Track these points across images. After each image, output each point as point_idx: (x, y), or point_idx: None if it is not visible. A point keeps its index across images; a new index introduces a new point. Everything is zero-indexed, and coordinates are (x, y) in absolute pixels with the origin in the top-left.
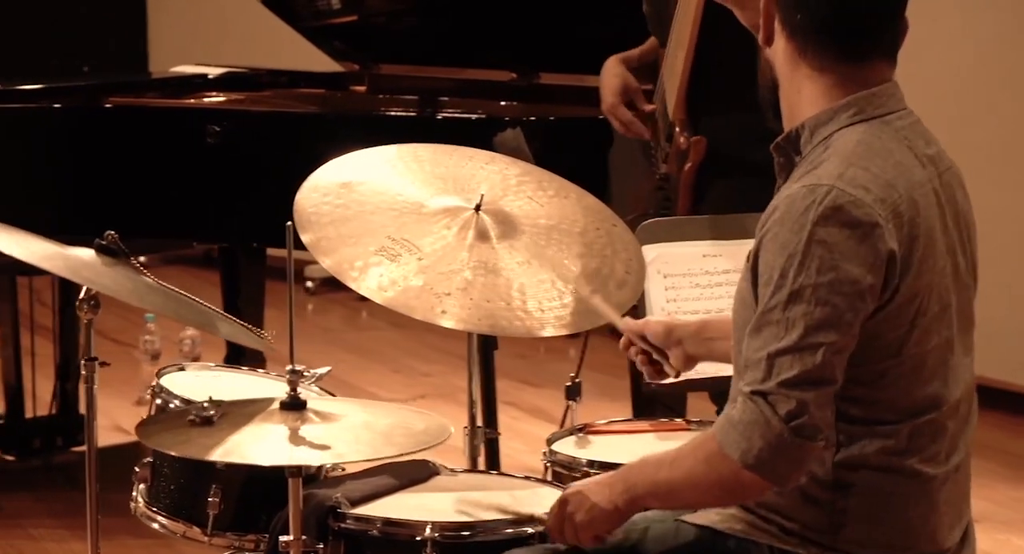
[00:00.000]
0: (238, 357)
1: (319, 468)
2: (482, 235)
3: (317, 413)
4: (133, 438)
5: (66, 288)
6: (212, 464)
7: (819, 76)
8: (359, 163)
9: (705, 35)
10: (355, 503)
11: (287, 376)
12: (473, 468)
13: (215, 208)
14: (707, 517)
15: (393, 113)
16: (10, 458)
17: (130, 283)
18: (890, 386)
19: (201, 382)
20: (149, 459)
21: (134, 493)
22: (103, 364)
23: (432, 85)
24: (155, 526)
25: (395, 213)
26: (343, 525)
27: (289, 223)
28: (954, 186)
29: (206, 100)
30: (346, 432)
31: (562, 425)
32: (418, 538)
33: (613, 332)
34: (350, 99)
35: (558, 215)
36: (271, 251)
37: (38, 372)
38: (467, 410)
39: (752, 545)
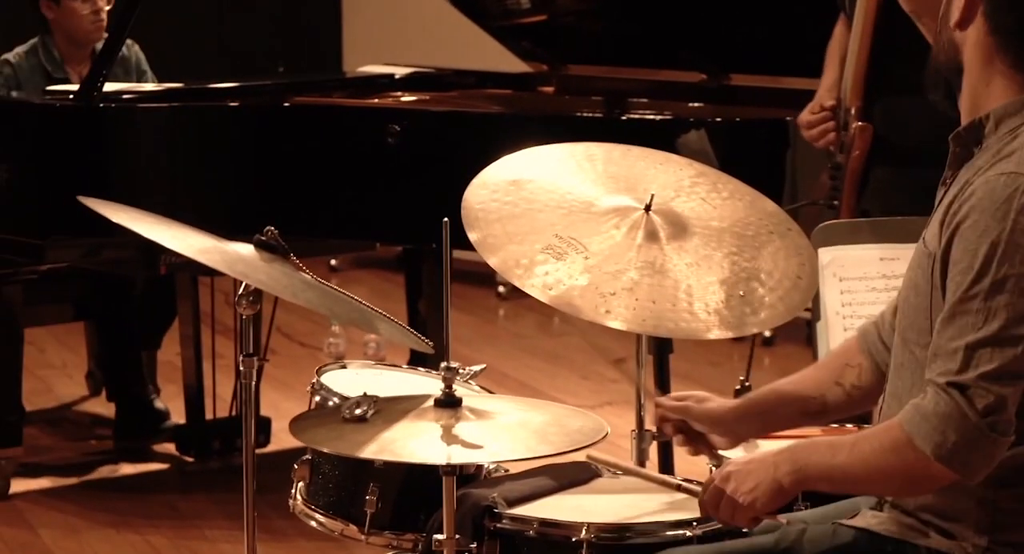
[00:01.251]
0: (421, 360)
1: (478, 468)
2: (651, 236)
3: (472, 411)
4: None
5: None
6: (370, 462)
7: (1013, 73)
8: (530, 161)
9: (883, 20)
10: (512, 503)
11: (442, 373)
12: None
13: (394, 208)
14: (864, 520)
15: (576, 114)
16: (189, 459)
17: (286, 278)
18: None
19: (362, 380)
20: (308, 457)
21: (293, 491)
22: (263, 360)
23: (620, 86)
24: (313, 524)
25: (563, 211)
26: (499, 525)
27: (445, 219)
28: None
29: (388, 100)
30: (500, 430)
31: None
32: (574, 539)
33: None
34: (536, 100)
35: (731, 217)
36: (457, 254)
37: (219, 373)
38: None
39: (910, 547)
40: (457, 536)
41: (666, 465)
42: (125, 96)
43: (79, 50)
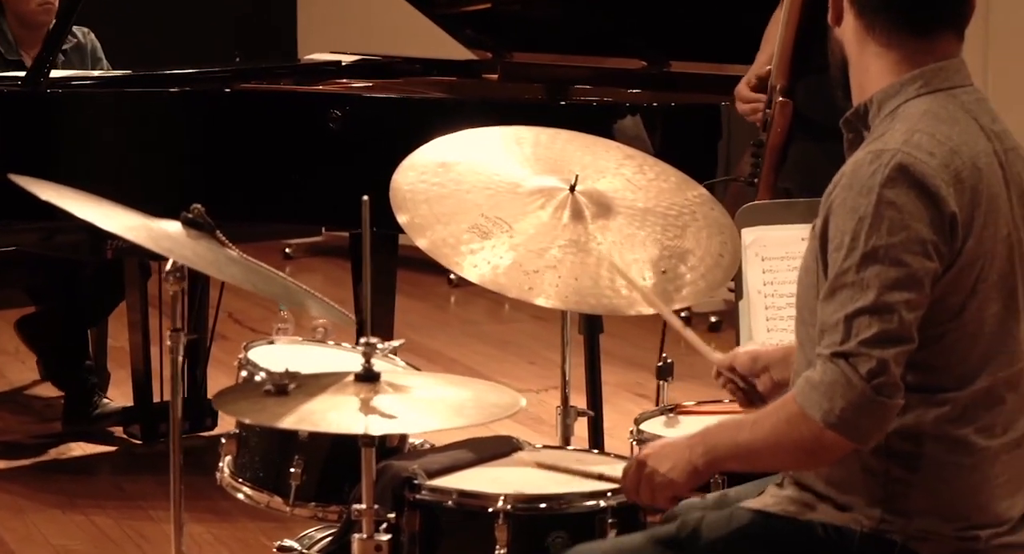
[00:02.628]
0: None
1: (402, 441)
2: (576, 215)
3: (391, 385)
4: None
5: (195, 272)
6: (295, 435)
7: (887, 52)
8: (461, 144)
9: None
10: (432, 475)
11: (361, 349)
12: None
13: (337, 192)
14: (763, 501)
15: (514, 99)
16: (137, 442)
17: (211, 255)
18: (947, 351)
19: (289, 356)
20: (236, 431)
21: (220, 464)
22: (190, 336)
23: (564, 73)
24: (240, 496)
25: (490, 192)
26: (418, 496)
27: (365, 197)
28: (1020, 166)
29: (331, 86)
30: (418, 404)
31: (657, 405)
32: (491, 510)
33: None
34: (479, 86)
35: (655, 198)
36: (405, 240)
37: (167, 357)
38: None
39: (804, 525)
40: (376, 507)
41: (596, 440)
42: (72, 82)
43: (32, 33)
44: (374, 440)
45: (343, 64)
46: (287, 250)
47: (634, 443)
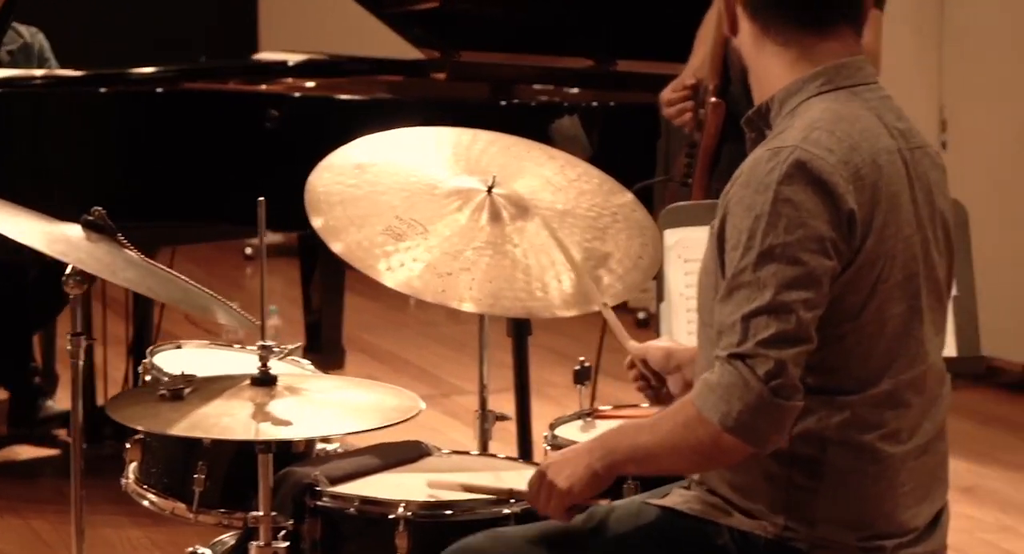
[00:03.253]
0: (318, 346)
1: (308, 447)
2: (493, 217)
3: (289, 389)
4: None
5: None
6: (198, 440)
7: (784, 51)
8: (381, 145)
9: None
10: (335, 481)
11: (258, 352)
12: (483, 452)
13: (275, 193)
14: (670, 499)
15: (452, 99)
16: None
17: (108, 258)
18: (847, 352)
19: (197, 360)
20: (139, 437)
21: (126, 470)
22: (91, 340)
23: (512, 73)
24: (145, 503)
25: (406, 194)
26: (319, 503)
27: (261, 199)
28: (927, 165)
29: (266, 85)
30: (314, 408)
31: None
32: (391, 517)
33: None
34: (424, 86)
35: (576, 200)
36: None
37: (115, 358)
38: (510, 399)
39: (711, 526)
40: (274, 514)
41: (523, 445)
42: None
43: None
44: (271, 446)
45: (290, 63)
46: (247, 251)
47: (547, 448)
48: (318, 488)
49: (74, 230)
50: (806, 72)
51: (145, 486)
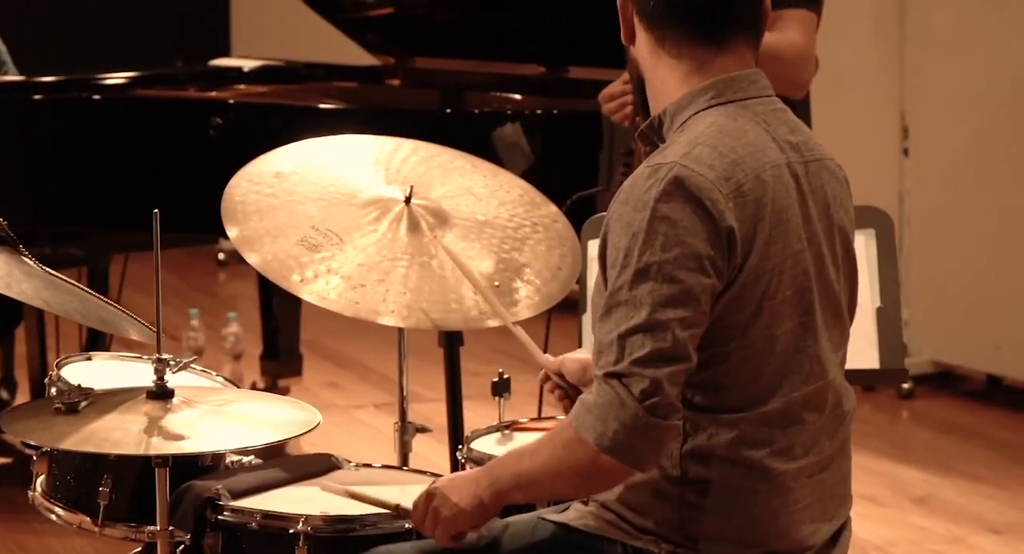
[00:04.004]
0: (275, 353)
1: (215, 460)
2: (411, 227)
3: (186, 402)
4: None
5: (95, 277)
6: (104, 454)
7: (678, 63)
8: (303, 153)
9: None
10: (238, 495)
11: (153, 364)
12: (402, 464)
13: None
14: (564, 515)
15: (396, 107)
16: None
17: (3, 269)
18: (735, 370)
19: (105, 372)
20: (46, 449)
21: (33, 483)
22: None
23: (464, 79)
24: (53, 517)
25: (324, 203)
26: (220, 517)
27: (156, 210)
28: (825, 178)
29: (210, 92)
30: (210, 422)
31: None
32: (292, 531)
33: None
34: (376, 93)
35: (496, 210)
36: None
37: None
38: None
39: (605, 542)
40: (171, 528)
41: (454, 457)
42: None
43: None
44: (167, 460)
45: (245, 69)
46: (220, 256)
47: (463, 461)
48: (219, 502)
49: None
50: (697, 85)
51: (52, 499)
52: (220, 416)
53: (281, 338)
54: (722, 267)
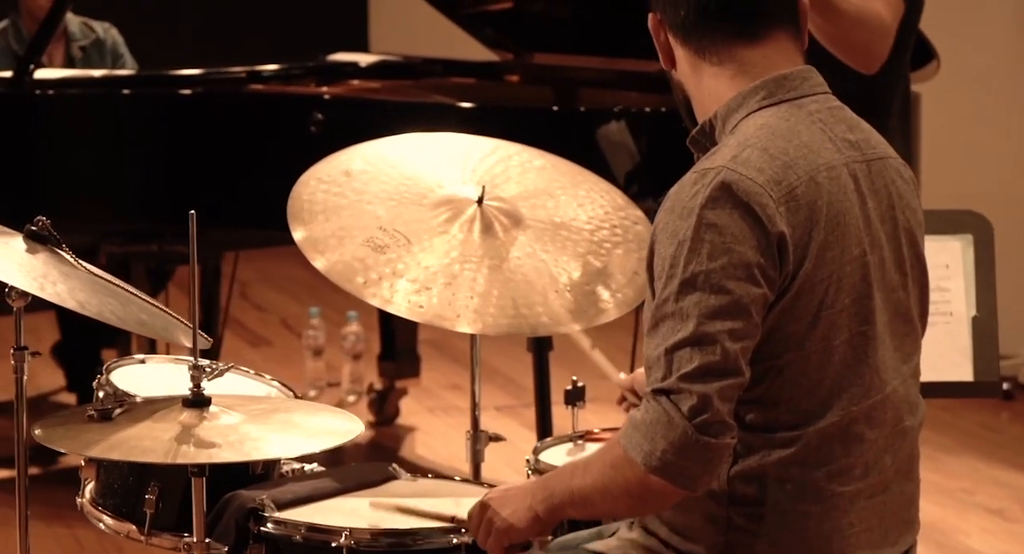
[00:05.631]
0: (392, 353)
1: (269, 468)
2: (482, 229)
3: (224, 411)
4: None
5: (207, 275)
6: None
7: (721, 70)
8: (380, 150)
9: None
10: (284, 505)
11: (191, 372)
12: (475, 474)
13: None
14: (606, 544)
15: (504, 104)
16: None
17: (42, 269)
18: (790, 385)
19: (156, 376)
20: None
21: (82, 489)
22: (34, 354)
23: (583, 76)
24: (101, 526)
25: (393, 203)
26: (263, 528)
27: (192, 212)
28: (889, 178)
29: (312, 88)
30: (245, 431)
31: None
32: (334, 545)
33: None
34: (488, 90)
35: (573, 212)
36: None
37: None
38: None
39: None
40: (209, 540)
41: None
42: (53, 82)
43: None
44: (204, 469)
45: (361, 65)
46: None
47: (529, 473)
48: (263, 513)
49: (14, 239)
50: (747, 86)
51: (100, 507)
52: (258, 425)
53: (398, 338)
54: (773, 276)
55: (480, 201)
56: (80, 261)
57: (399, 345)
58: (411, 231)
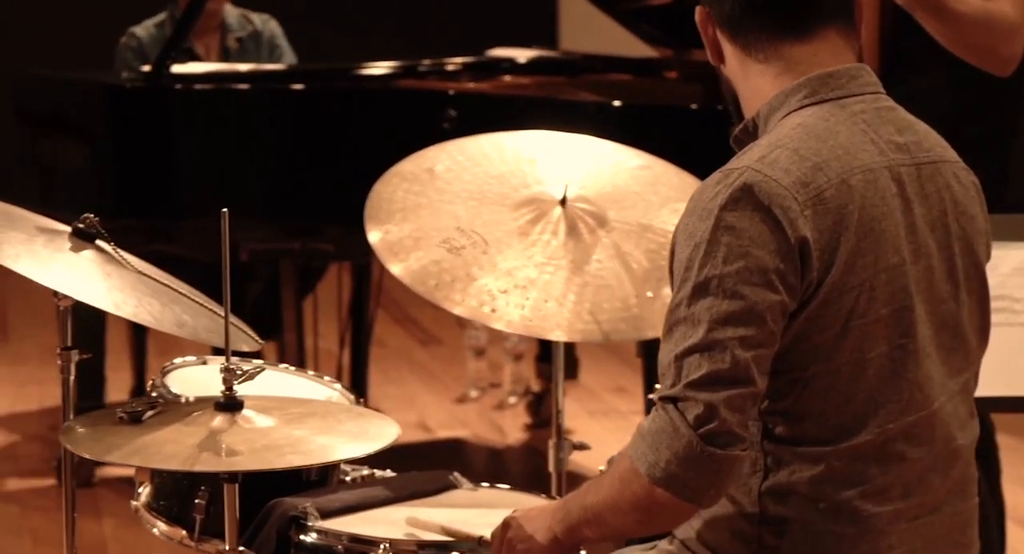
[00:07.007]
0: (549, 356)
1: (323, 474)
2: (568, 230)
3: (258, 415)
4: (434, 437)
5: (357, 272)
6: None
7: (767, 67)
8: (469, 149)
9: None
10: (328, 514)
11: (223, 374)
12: (558, 483)
13: None
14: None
15: (640, 102)
16: None
17: (81, 268)
18: (818, 398)
19: (217, 379)
20: None
21: (137, 492)
22: (83, 354)
23: None
24: (155, 531)
25: (474, 203)
26: (305, 537)
27: (224, 210)
28: (944, 183)
29: (447, 84)
30: (272, 437)
31: None
32: None
33: None
34: (636, 87)
35: (665, 215)
36: None
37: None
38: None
39: None
40: (242, 548)
41: None
42: (191, 76)
43: (205, 20)
44: (236, 476)
45: (519, 60)
46: None
47: None
48: (305, 522)
49: (60, 238)
50: (790, 84)
51: (154, 512)
52: (291, 430)
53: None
54: (794, 282)
55: (563, 202)
56: (127, 259)
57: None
58: (489, 232)
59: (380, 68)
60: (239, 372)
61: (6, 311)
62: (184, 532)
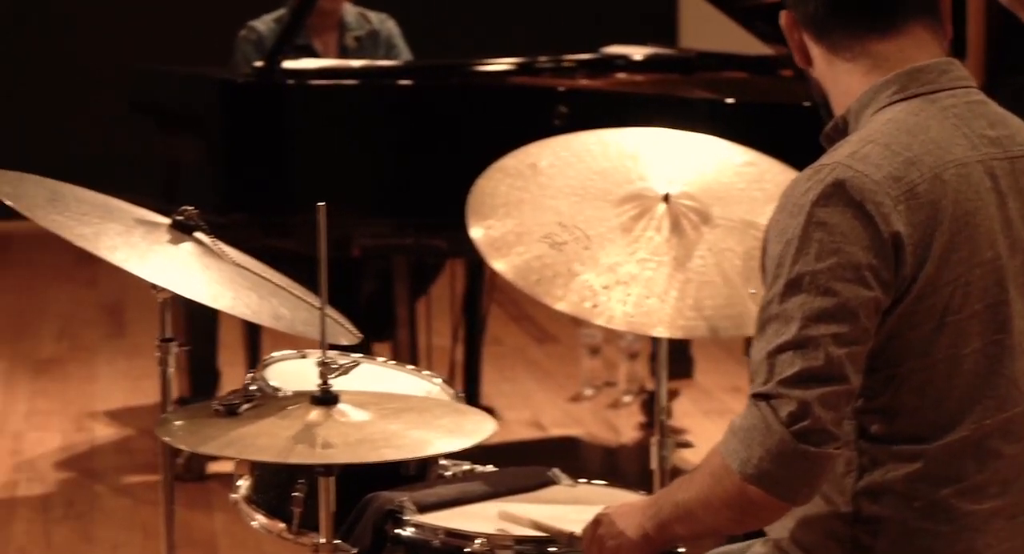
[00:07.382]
0: None
1: (422, 468)
2: (672, 226)
3: (353, 409)
4: (548, 435)
5: (470, 269)
6: None
7: (855, 66)
8: (575, 145)
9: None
10: (425, 508)
11: (319, 368)
12: (662, 482)
13: None
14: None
15: (751, 100)
16: None
17: (178, 260)
18: (914, 395)
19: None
20: None
21: (236, 485)
22: (183, 346)
23: None
24: (255, 524)
25: (576, 199)
26: (400, 531)
27: (320, 204)
28: None
29: (560, 81)
30: (366, 431)
31: None
32: (467, 550)
33: None
34: (749, 85)
35: (761, 210)
36: None
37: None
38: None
39: None
40: (338, 542)
41: None
42: (303, 72)
43: (323, 19)
44: (332, 469)
45: (634, 58)
46: None
47: None
48: (401, 515)
49: (159, 229)
50: (879, 80)
51: (253, 505)
52: (386, 424)
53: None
54: (887, 278)
55: (667, 198)
56: (225, 251)
57: (672, 344)
58: (591, 228)
59: (492, 65)
60: (334, 366)
61: (124, 306)
62: (283, 525)
